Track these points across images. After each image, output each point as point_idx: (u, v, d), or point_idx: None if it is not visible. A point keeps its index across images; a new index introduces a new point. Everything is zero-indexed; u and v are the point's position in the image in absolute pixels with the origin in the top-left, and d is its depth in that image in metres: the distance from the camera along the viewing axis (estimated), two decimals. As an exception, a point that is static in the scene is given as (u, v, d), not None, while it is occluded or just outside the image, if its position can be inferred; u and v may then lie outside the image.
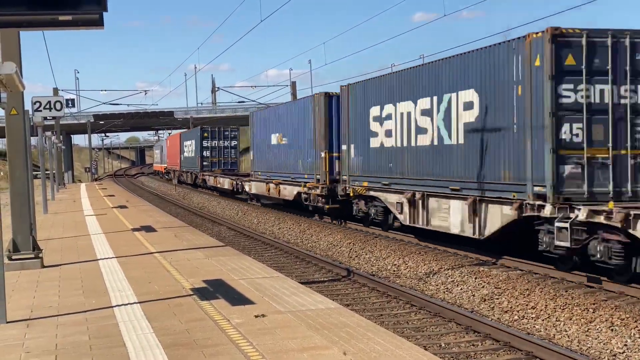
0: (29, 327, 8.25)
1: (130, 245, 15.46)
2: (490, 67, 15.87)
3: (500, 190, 15.56)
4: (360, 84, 23.15)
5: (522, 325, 11.68)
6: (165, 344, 7.23)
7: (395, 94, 20.41)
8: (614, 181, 14.04)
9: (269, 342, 7.21)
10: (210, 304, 9.08)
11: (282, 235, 24.66)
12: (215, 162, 51.68)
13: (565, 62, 14.00)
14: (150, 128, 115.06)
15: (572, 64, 14.02)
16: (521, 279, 13.96)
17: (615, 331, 10.61)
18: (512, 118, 15.12)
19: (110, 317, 8.59)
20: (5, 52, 12.42)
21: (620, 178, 14.07)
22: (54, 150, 43.40)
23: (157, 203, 39.20)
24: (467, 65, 16.82)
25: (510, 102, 15.15)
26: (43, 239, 16.51)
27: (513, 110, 15.06)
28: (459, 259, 16.59)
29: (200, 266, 12.26)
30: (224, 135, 52.32)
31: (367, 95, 22.40)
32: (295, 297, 9.46)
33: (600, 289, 12.84)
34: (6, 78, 7.68)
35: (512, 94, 15.05)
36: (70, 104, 51.32)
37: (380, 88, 21.54)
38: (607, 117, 14.05)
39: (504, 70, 15.33)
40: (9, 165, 12.80)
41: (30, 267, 12.59)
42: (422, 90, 18.87)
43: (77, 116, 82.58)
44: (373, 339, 7.24)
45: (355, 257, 18.96)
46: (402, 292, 13.81)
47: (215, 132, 52.51)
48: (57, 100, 21.72)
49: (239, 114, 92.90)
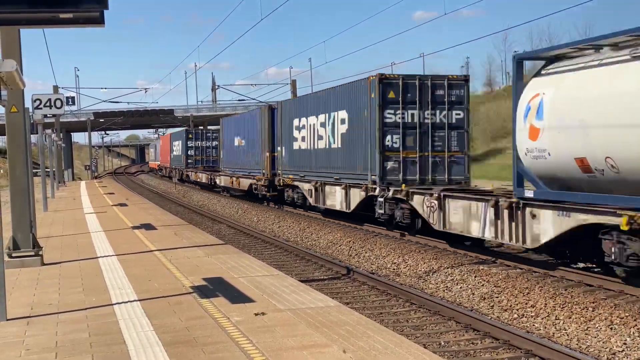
0: (29, 325, 8.26)
1: (130, 243, 15.47)
2: (353, 96, 23.13)
3: (357, 179, 22.85)
4: (286, 101, 32.08)
5: (521, 323, 11.69)
6: (165, 342, 7.24)
7: (307, 110, 27.72)
8: (420, 172, 21.40)
9: (269, 340, 7.22)
10: (210, 302, 9.09)
11: (282, 234, 24.67)
12: (198, 160, 58.89)
13: (389, 96, 21.23)
14: (151, 126, 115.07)
15: (393, 97, 21.22)
16: (521, 278, 13.98)
17: (614, 330, 10.62)
18: (363, 131, 22.24)
19: (110, 314, 8.60)
20: (6, 49, 12.43)
21: (424, 170, 21.44)
22: (54, 148, 43.42)
23: (157, 201, 39.22)
24: (342, 93, 24.18)
25: (362, 120, 22.25)
26: (43, 237, 16.52)
27: (363, 125, 22.21)
28: (458, 257, 16.61)
29: (200, 264, 12.28)
30: (206, 136, 59.95)
31: (291, 110, 29.89)
32: (295, 295, 9.47)
33: (600, 288, 12.85)
34: (7, 75, 7.69)
35: (363, 114, 22.11)
36: (71, 101, 51.32)
37: (298, 105, 29.19)
38: (415, 131, 21.33)
39: (359, 99, 22.54)
40: (9, 162, 12.81)
41: (30, 264, 12.60)
42: (320, 109, 26.15)
43: (77, 114, 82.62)
44: (373, 337, 7.25)
45: (355, 256, 18.97)
46: (402, 290, 13.81)
47: (198, 134, 60.58)
48: (57, 98, 21.72)
49: (239, 112, 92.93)
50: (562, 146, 13.45)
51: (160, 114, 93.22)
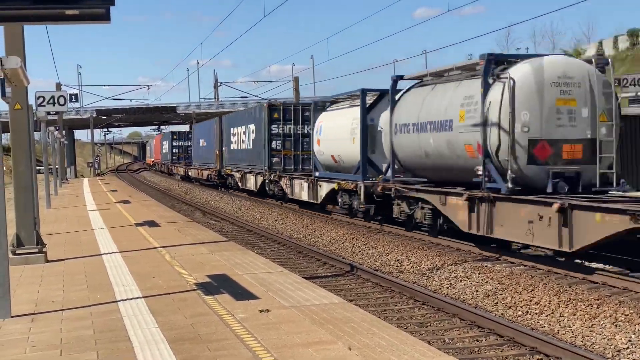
0: (34, 322, 8.26)
1: (133, 240, 15.47)
2: (257, 115, 34.46)
3: (259, 169, 34.11)
4: (228, 115, 44.78)
5: (526, 320, 11.68)
6: (170, 339, 7.24)
7: (237, 122, 39.72)
8: (294, 164, 32.42)
9: (274, 337, 7.21)
10: (214, 299, 9.09)
11: (285, 231, 24.66)
12: (181, 156, 69.12)
13: (274, 116, 32.56)
14: (153, 123, 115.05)
15: (276, 117, 32.55)
16: (525, 275, 13.96)
17: (619, 327, 10.60)
18: (261, 138, 33.15)
19: (114, 311, 8.60)
20: (9, 46, 12.42)
21: (297, 163, 32.46)
22: (56, 145, 43.42)
23: (159, 198, 39.22)
24: (252, 112, 36.50)
25: (261, 131, 33.25)
26: (46, 234, 16.51)
27: (262, 134, 33.15)
28: (462, 254, 16.59)
29: (204, 261, 12.28)
30: (187, 137, 68.83)
31: (230, 121, 42.03)
32: (299, 292, 9.47)
33: (604, 285, 12.83)
34: (11, 72, 7.68)
35: (261, 127, 33.18)
36: (74, 99, 51.37)
37: (233, 118, 41.62)
38: (291, 138, 32.57)
39: (260, 117, 33.62)
40: (12, 160, 12.81)
41: (34, 261, 12.61)
42: (243, 121, 37.98)
43: (79, 111, 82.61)
44: (377, 333, 7.24)
45: (359, 253, 18.96)
46: (406, 287, 13.81)
47: (182, 135, 71.09)
48: (60, 95, 21.72)
49: (241, 109, 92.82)
50: (326, 149, 26.01)
51: (163, 111, 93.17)
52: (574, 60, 16.41)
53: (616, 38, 60.46)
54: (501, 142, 15.37)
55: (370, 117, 22.28)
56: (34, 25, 6.08)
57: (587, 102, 15.40)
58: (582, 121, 15.35)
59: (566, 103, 15.31)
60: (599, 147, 15.33)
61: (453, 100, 17.06)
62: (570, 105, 15.33)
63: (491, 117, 15.56)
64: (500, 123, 15.32)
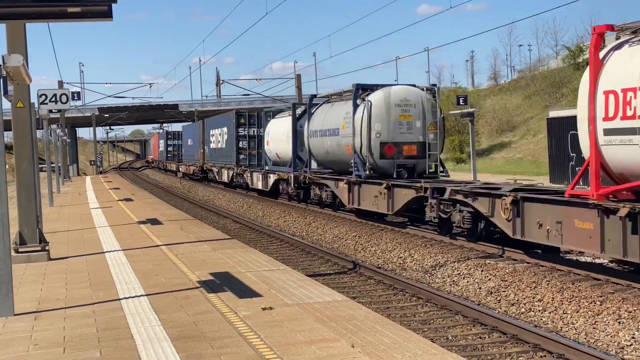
0: (37, 320, 8.26)
1: (136, 238, 15.48)
2: (229, 120, 40.54)
3: (230, 164, 40.39)
4: (208, 119, 51.38)
5: (529, 317, 11.66)
6: (173, 337, 7.23)
7: (215, 125, 46.44)
8: (257, 161, 37.68)
9: (277, 334, 7.20)
10: (217, 297, 9.09)
11: (288, 228, 24.66)
12: (175, 154, 75.62)
13: (240, 121, 38.63)
14: (155, 121, 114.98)
15: (243, 122, 38.76)
16: (527, 272, 13.94)
17: (622, 324, 10.58)
18: (231, 139, 39.47)
19: (117, 309, 8.60)
20: (12, 44, 12.41)
21: (259, 160, 37.14)
22: (59, 143, 43.43)
23: (162, 196, 39.26)
24: (225, 118, 42.37)
25: (232, 134, 39.08)
26: (49, 232, 16.53)
27: (232, 137, 39.23)
28: (465, 251, 16.57)
29: (206, 259, 12.27)
30: (180, 136, 74.09)
31: (210, 124, 49.13)
32: (302, 289, 9.46)
33: (607, 282, 12.80)
34: (13, 70, 7.67)
35: (232, 130, 39.09)
36: (76, 97, 51.38)
37: (212, 122, 48.22)
38: (255, 139, 38.42)
39: (230, 121, 39.67)
40: (15, 158, 12.80)
41: (37, 259, 12.61)
42: (219, 125, 44.52)
43: (82, 109, 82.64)
44: (381, 331, 7.23)
45: (361, 250, 18.96)
46: (409, 284, 13.80)
47: (175, 135, 77.83)
48: (62, 93, 21.70)
49: (243, 106, 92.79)
50: (273, 149, 33.09)
51: (165, 109, 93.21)
52: (412, 89, 22.89)
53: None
54: (363, 144, 22.37)
55: (299, 124, 29.01)
56: (35, 23, 6.06)
57: (420, 117, 22.32)
58: (416, 130, 22.34)
59: (405, 118, 22.33)
60: (427, 147, 22.33)
61: (340, 115, 24.33)
62: (408, 119, 22.34)
63: (357, 127, 22.54)
64: (362, 131, 22.29)
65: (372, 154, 22.10)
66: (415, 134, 22.30)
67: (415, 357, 6.34)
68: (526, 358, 9.41)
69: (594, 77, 12.61)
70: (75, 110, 79.86)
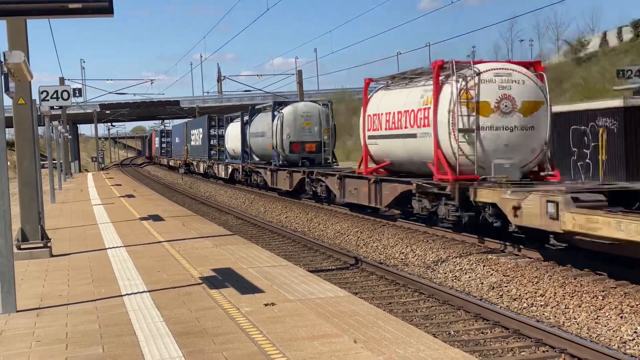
0: (39, 316, 8.27)
1: (138, 234, 15.48)
2: (203, 123, 51.90)
3: (204, 159, 51.93)
4: (189, 120, 64.05)
5: (531, 312, 11.66)
6: (175, 333, 7.24)
7: (194, 126, 56.51)
8: (223, 155, 46.12)
9: (279, 330, 7.21)
10: (219, 293, 9.09)
11: (290, 224, 24.67)
12: (168, 150, 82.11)
13: (212, 123, 50.10)
14: (157, 117, 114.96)
15: (213, 124, 50.07)
16: (529, 267, 13.94)
17: (624, 318, 10.58)
18: (204, 138, 50.97)
19: (119, 305, 8.60)
20: (12, 41, 12.40)
21: (225, 155, 45.42)
22: (60, 140, 43.44)
23: (164, 192, 39.26)
24: (201, 120, 54.59)
25: (205, 134, 50.96)
26: (51, 229, 16.54)
27: (205, 136, 50.91)
28: (466, 247, 16.58)
29: (208, 255, 12.28)
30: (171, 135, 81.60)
31: (191, 125, 58.85)
32: (304, 285, 9.46)
33: (610, 277, 12.80)
34: (14, 67, 7.67)
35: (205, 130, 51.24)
36: (77, 93, 51.37)
37: (193, 124, 58.18)
38: (224, 137, 45.72)
39: (204, 124, 51.29)
40: (17, 155, 12.81)
41: (39, 256, 12.61)
42: (197, 126, 55.50)
43: (83, 106, 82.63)
44: (383, 326, 7.23)
45: (363, 246, 18.96)
46: (411, 280, 13.80)
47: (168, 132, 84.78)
48: (64, 89, 21.67)
49: (245, 102, 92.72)
50: (230, 146, 43.46)
51: (166, 105, 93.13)
52: (313, 104, 32.84)
53: (620, 29, 60.13)
54: (277, 142, 32.11)
55: (245, 127, 38.37)
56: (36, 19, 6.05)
57: (317, 124, 31.68)
58: (315, 133, 31.71)
59: (308, 125, 31.78)
60: (323, 145, 31.47)
61: (265, 122, 34.30)
62: (310, 125, 31.78)
63: (275, 131, 32.19)
64: (277, 134, 32.04)
65: (284, 149, 31.94)
66: (314, 136, 31.75)
67: (417, 352, 6.34)
68: (528, 353, 9.42)
69: (365, 105, 23.00)
70: (77, 106, 79.88)
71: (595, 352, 8.96)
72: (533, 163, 17.57)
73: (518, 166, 17.11)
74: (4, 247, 8.36)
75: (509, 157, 17.07)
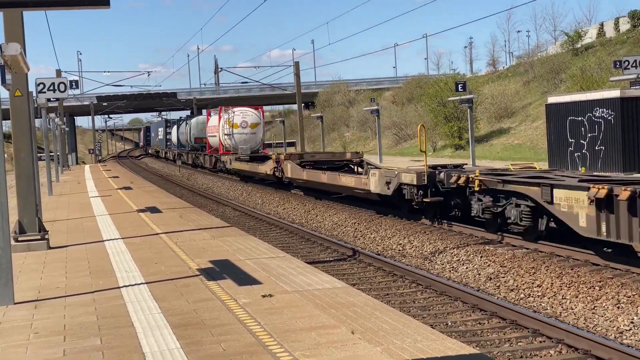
0: (37, 308, 8.28)
1: (135, 226, 15.49)
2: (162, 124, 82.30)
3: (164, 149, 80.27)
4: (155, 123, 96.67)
5: (528, 303, 11.69)
6: (173, 324, 7.25)
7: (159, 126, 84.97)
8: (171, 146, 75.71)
9: (277, 321, 7.22)
10: (217, 284, 9.10)
11: (287, 216, 24.68)
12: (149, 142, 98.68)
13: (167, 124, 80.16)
14: (154, 109, 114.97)
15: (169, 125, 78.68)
16: (527, 258, 13.97)
17: (621, 309, 10.61)
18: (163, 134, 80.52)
19: (117, 297, 8.62)
20: (9, 33, 12.38)
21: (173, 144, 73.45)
22: (57, 132, 43.40)
23: (161, 184, 39.24)
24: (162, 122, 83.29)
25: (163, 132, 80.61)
26: (49, 221, 16.54)
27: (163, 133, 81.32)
28: (464, 238, 16.60)
29: (206, 246, 12.29)
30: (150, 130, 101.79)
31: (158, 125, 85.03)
32: (301, 276, 9.48)
33: (607, 267, 12.84)
34: (11, 59, 7.66)
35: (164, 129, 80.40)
36: (74, 85, 51.29)
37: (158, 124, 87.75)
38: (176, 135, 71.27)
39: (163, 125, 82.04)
40: (14, 147, 12.80)
41: (37, 248, 12.62)
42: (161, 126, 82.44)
43: (80, 98, 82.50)
44: (381, 317, 7.25)
45: (361, 237, 18.98)
46: (408, 271, 13.82)
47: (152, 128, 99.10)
48: (60, 81, 21.64)
49: (242, 94, 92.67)
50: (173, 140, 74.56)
51: (164, 97, 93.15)
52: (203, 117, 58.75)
53: (617, 20, 60.07)
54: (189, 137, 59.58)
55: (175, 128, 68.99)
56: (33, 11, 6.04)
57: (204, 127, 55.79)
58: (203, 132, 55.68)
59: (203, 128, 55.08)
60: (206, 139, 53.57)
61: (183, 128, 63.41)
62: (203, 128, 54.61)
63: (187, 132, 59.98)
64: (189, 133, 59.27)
65: (191, 141, 57.89)
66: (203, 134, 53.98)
67: (414, 343, 6.36)
68: (525, 343, 9.44)
69: (219, 119, 45.73)
70: (74, 99, 79.75)
71: (592, 342, 8.98)
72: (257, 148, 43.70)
73: (249, 149, 42.59)
74: (1, 239, 8.37)
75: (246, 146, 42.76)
